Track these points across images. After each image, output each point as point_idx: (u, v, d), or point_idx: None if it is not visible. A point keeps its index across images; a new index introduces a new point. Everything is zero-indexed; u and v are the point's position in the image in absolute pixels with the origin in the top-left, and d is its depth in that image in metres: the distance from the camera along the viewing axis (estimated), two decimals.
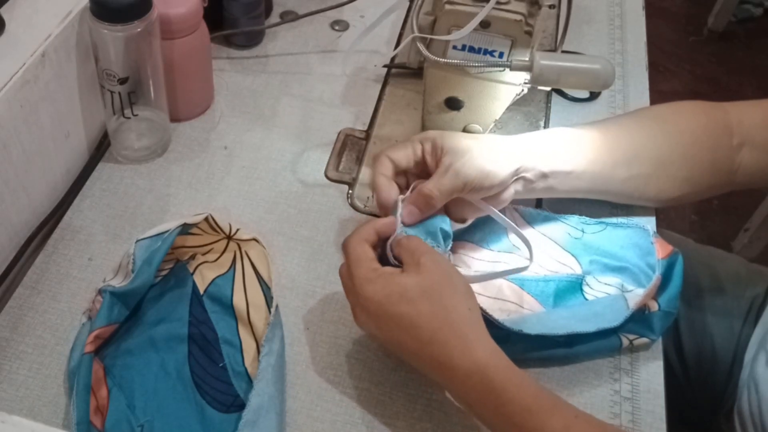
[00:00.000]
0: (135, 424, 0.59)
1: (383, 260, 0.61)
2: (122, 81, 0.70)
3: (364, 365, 0.64)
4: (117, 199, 0.75)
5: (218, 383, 0.62)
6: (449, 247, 0.64)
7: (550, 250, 0.71)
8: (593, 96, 0.89)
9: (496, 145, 0.66)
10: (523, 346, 0.62)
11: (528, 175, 0.67)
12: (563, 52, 0.82)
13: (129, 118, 0.74)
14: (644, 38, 0.99)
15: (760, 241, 1.69)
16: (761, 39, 2.42)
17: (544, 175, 0.67)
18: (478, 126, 0.75)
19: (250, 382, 0.61)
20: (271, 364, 0.59)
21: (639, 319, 0.65)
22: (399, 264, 0.59)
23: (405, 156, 0.65)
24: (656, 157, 0.70)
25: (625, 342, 0.66)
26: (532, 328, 0.62)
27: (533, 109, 0.86)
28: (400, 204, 0.63)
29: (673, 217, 1.87)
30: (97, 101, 0.75)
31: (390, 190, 0.64)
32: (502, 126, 0.84)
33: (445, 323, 0.55)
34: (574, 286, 0.69)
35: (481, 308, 0.59)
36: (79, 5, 0.69)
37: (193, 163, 0.79)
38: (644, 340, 0.66)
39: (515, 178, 0.66)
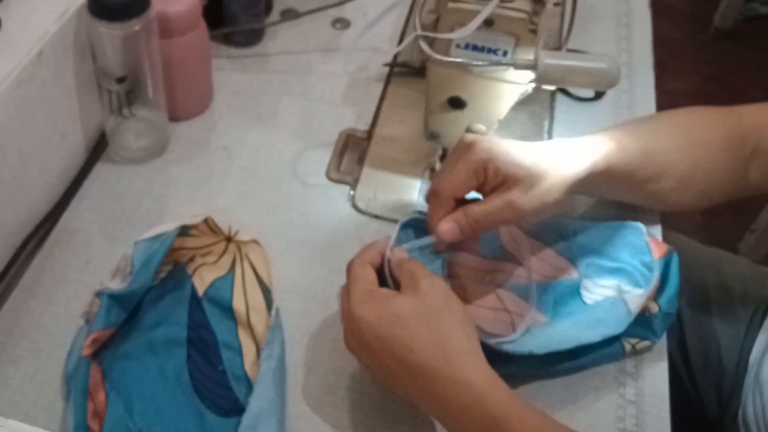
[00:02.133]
0: (133, 429, 0.58)
1: (382, 281, 0.59)
2: (120, 80, 0.70)
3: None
4: (115, 200, 0.74)
5: (218, 387, 0.62)
6: (446, 272, 0.63)
7: (545, 256, 0.70)
8: (599, 95, 0.89)
9: (553, 171, 0.62)
10: (530, 364, 0.62)
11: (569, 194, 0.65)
12: (568, 50, 0.81)
13: (127, 117, 0.74)
14: (650, 37, 0.98)
15: (767, 243, 1.69)
16: None
17: (580, 189, 0.66)
18: (482, 126, 0.74)
19: (250, 386, 0.61)
20: (272, 368, 0.59)
21: (640, 321, 0.65)
22: (396, 286, 0.58)
23: (468, 189, 0.61)
24: (681, 172, 0.70)
25: (628, 347, 0.65)
26: (540, 346, 0.61)
27: (538, 109, 0.86)
28: (398, 226, 0.61)
29: (679, 218, 1.87)
30: (95, 101, 0.74)
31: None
32: (506, 126, 0.84)
33: (440, 350, 0.53)
34: (573, 291, 0.68)
35: (488, 342, 0.58)
36: (76, 3, 0.68)
37: (192, 163, 0.78)
38: (647, 343, 0.66)
39: None
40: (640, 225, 0.70)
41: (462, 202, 0.63)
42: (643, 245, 0.68)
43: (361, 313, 0.54)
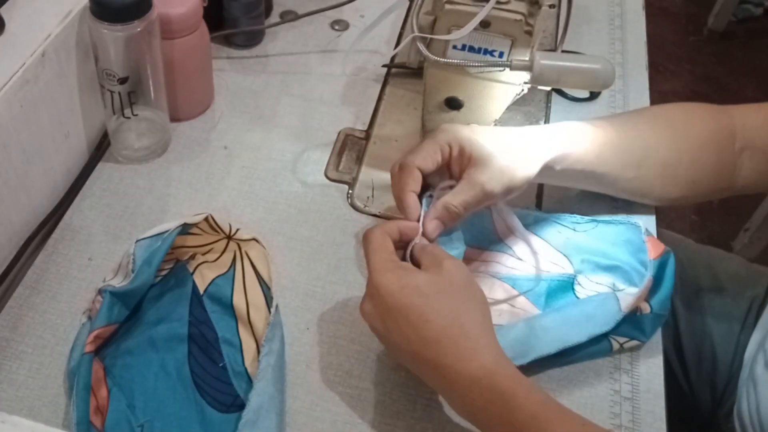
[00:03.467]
0: (135, 424, 0.59)
1: None
2: (122, 81, 0.70)
3: (364, 365, 0.64)
4: (117, 199, 0.75)
5: (218, 383, 0.62)
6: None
7: (542, 250, 0.71)
8: (593, 96, 0.89)
9: (520, 149, 0.65)
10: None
11: (543, 174, 0.66)
12: (563, 51, 0.82)
13: (129, 118, 0.74)
14: (644, 38, 0.99)
15: (760, 241, 1.70)
16: (761, 39, 2.42)
17: (556, 173, 0.68)
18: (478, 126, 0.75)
19: (250, 382, 0.61)
20: (271, 364, 0.59)
21: (630, 321, 0.65)
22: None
23: (432, 163, 0.63)
24: (664, 159, 0.71)
25: (616, 345, 0.65)
26: (525, 352, 0.62)
27: (533, 109, 0.87)
28: (422, 214, 0.62)
29: (673, 217, 1.87)
30: (97, 101, 0.75)
31: (417, 210, 0.62)
32: (502, 126, 0.84)
33: (456, 323, 0.55)
34: (566, 285, 0.69)
35: None
36: (79, 5, 0.69)
37: (193, 163, 0.79)
38: (634, 342, 0.66)
39: None
40: (640, 223, 0.70)
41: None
42: (641, 244, 0.68)
43: (382, 281, 0.56)
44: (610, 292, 0.67)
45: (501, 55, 0.69)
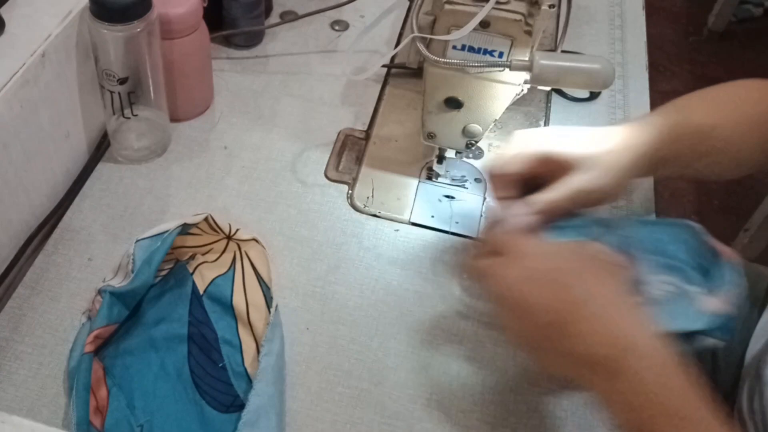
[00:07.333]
0: (135, 424, 0.59)
1: None
2: (122, 81, 0.70)
3: (363, 365, 0.64)
4: (117, 199, 0.75)
5: (218, 383, 0.62)
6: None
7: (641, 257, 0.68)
8: (593, 96, 0.89)
9: (614, 159, 0.63)
10: None
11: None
12: (563, 51, 0.82)
13: (129, 118, 0.74)
14: (644, 38, 0.99)
15: (760, 241, 1.69)
16: (761, 39, 2.42)
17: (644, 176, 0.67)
18: (478, 126, 0.75)
19: (249, 382, 0.62)
20: (271, 365, 0.60)
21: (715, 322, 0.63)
22: None
23: (516, 167, 0.63)
24: (736, 145, 0.69)
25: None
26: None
27: (533, 109, 0.87)
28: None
29: (672, 216, 1.87)
30: (97, 101, 0.75)
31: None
32: (501, 126, 0.84)
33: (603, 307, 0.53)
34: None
35: None
36: (79, 5, 0.69)
37: (192, 163, 0.79)
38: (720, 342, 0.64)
39: None
40: (697, 225, 0.67)
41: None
42: (699, 245, 0.65)
43: (528, 245, 0.56)
44: (680, 293, 0.64)
45: (501, 55, 0.69)
